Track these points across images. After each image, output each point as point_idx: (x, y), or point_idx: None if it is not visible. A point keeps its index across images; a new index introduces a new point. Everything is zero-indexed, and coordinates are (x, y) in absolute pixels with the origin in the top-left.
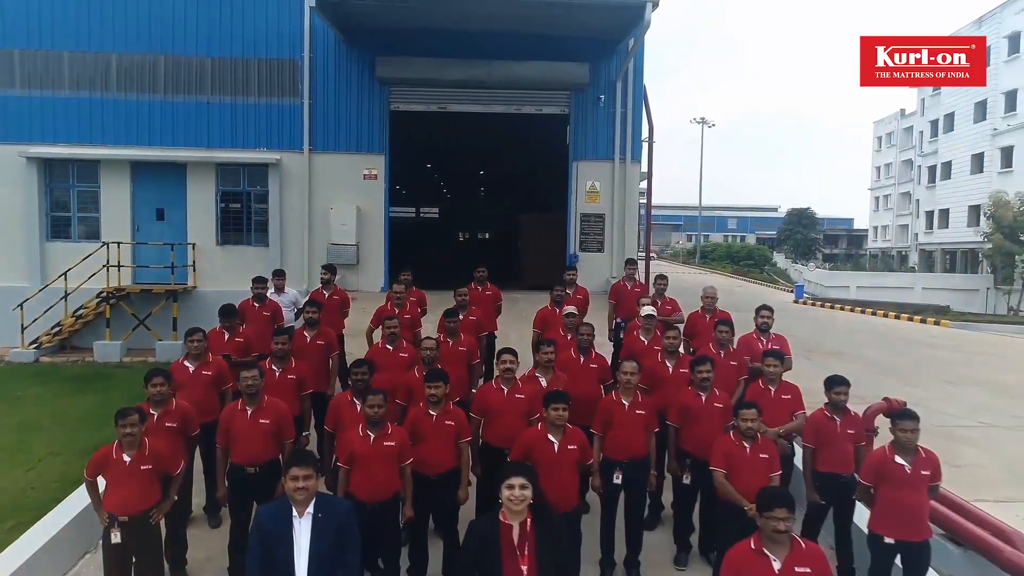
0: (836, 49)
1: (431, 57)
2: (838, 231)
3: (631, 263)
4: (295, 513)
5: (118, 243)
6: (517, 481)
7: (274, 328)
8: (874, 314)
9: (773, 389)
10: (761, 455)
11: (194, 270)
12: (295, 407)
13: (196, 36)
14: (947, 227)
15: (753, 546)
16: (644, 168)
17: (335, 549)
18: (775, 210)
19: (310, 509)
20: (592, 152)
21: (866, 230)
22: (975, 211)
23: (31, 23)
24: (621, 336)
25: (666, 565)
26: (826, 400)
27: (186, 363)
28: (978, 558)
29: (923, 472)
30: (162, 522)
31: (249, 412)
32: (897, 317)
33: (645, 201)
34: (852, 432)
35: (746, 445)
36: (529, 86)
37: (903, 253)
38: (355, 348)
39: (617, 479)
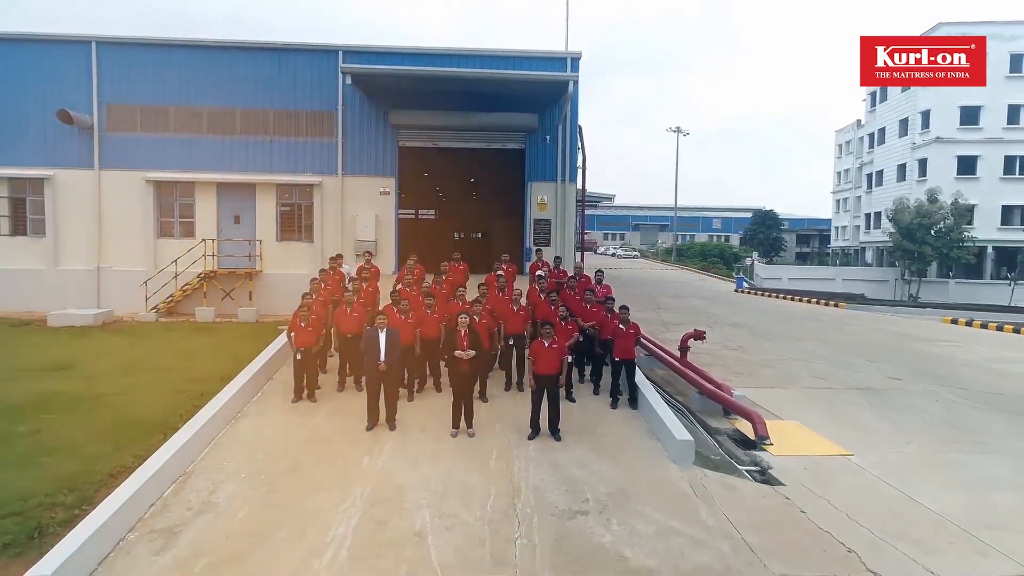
0: (837, 51)
1: (428, 110)
2: (810, 231)
3: (539, 251)
4: (380, 331)
5: (213, 239)
6: (462, 316)
7: (342, 283)
8: (793, 299)
9: (588, 305)
10: (568, 327)
11: (261, 259)
12: (365, 317)
13: (263, 94)
14: (879, 228)
15: (541, 340)
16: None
17: (394, 344)
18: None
19: (384, 330)
20: (541, 175)
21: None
22: None
23: (148, 88)
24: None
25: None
26: (618, 312)
27: (311, 294)
28: (708, 400)
29: (630, 331)
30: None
31: (348, 310)
32: (810, 302)
33: (580, 209)
34: (616, 321)
35: (563, 323)
36: (496, 129)
37: (858, 251)
38: (384, 295)
39: (510, 343)
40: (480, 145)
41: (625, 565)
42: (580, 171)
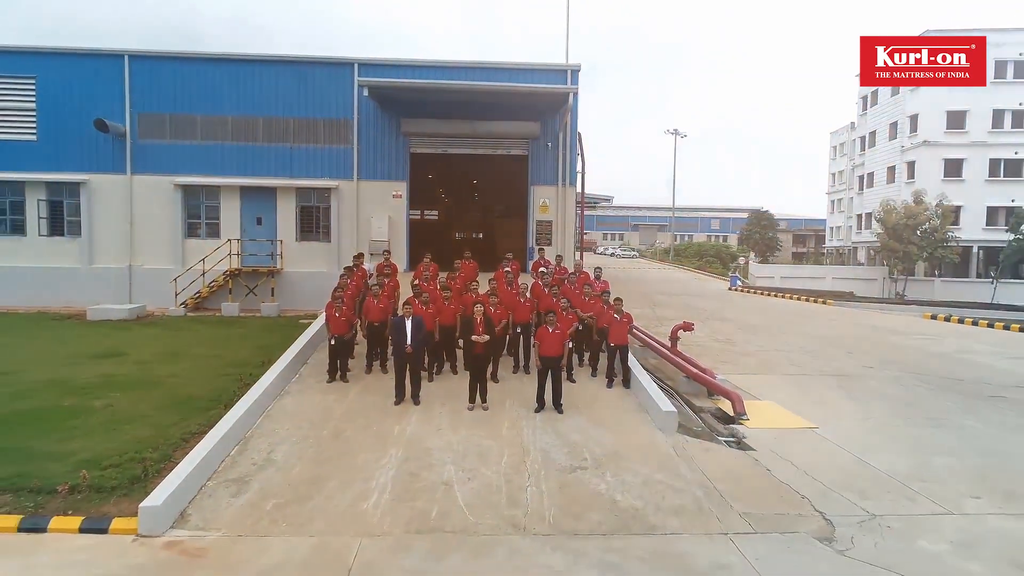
0: (837, 52)
1: (437, 118)
2: (806, 231)
3: (541, 250)
4: (407, 319)
5: (239, 239)
6: (478, 306)
7: (366, 279)
8: (784, 297)
9: (587, 298)
10: (568, 316)
11: (282, 258)
12: (389, 308)
13: (283, 104)
14: (870, 228)
15: (545, 327)
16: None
17: (419, 330)
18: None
19: (410, 319)
20: (543, 179)
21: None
22: None
23: (176, 97)
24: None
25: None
26: (613, 303)
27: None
28: (693, 383)
29: (624, 320)
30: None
31: (376, 301)
32: (798, 299)
33: (579, 211)
34: (611, 311)
35: (564, 312)
36: (501, 136)
37: (851, 250)
38: (403, 288)
39: (518, 330)
40: (486, 151)
41: (616, 506)
42: (580, 175)
